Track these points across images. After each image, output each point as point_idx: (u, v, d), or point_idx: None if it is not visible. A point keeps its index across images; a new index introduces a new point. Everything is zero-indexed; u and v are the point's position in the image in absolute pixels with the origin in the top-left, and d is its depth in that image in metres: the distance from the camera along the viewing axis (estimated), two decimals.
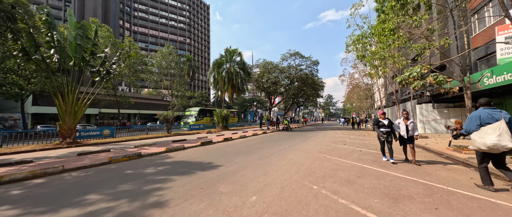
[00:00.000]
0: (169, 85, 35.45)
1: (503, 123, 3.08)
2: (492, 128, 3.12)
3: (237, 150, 7.70)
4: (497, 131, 3.06)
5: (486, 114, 3.26)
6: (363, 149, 7.83)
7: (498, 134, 3.04)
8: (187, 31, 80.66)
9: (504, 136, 3.01)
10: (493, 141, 3.05)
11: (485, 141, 3.14)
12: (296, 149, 7.88)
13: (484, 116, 3.26)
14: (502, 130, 3.04)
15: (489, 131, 3.13)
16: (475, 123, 3.31)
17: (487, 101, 3.45)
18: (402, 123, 5.25)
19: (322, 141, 10.53)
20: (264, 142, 10.23)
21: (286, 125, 20.80)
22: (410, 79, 11.60)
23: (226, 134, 14.59)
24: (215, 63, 20.40)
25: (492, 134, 3.09)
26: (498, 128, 3.06)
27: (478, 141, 3.24)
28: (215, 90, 21.34)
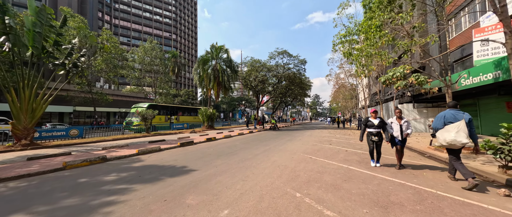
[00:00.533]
0: (152, 83, 33.62)
1: (463, 123, 3.49)
2: (452, 127, 3.53)
3: (219, 152, 7.16)
4: (456, 129, 3.48)
5: (451, 114, 3.70)
6: (348, 149, 7.66)
7: (456, 131, 3.46)
8: (173, 27, 77.70)
9: (461, 133, 3.43)
10: (451, 138, 3.48)
11: (445, 137, 3.55)
12: (281, 150, 7.51)
13: (448, 116, 3.69)
14: (460, 129, 3.46)
15: (450, 129, 3.55)
16: (440, 122, 3.74)
17: (454, 103, 3.87)
18: (396, 123, 4.63)
19: (309, 141, 10.31)
20: (249, 142, 9.77)
21: (273, 125, 20.54)
22: (394, 79, 11.78)
23: (211, 134, 13.92)
24: (200, 60, 19.52)
25: (452, 131, 3.50)
26: (458, 127, 3.48)
27: (440, 138, 3.65)
28: (200, 88, 20.45)
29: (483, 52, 9.59)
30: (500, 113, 11.07)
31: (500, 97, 10.81)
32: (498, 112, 11.30)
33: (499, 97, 10.95)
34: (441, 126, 3.71)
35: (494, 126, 11.70)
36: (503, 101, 10.65)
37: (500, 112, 11.08)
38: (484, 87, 10.14)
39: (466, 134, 3.44)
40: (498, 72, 8.16)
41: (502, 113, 10.88)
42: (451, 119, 3.62)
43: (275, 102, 34.96)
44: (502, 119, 11.09)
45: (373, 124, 4.76)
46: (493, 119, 11.74)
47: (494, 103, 11.57)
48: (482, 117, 12.70)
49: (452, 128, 3.52)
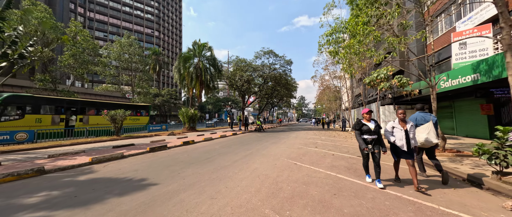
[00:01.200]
0: (129, 81, 31.23)
1: (431, 124, 3.84)
2: (423, 128, 3.86)
3: (193, 158, 6.27)
4: (427, 130, 3.81)
5: (421, 116, 4.04)
6: (335, 153, 7.22)
7: (427, 133, 3.78)
8: (155, 23, 74.12)
9: (431, 134, 3.77)
10: (424, 138, 3.78)
11: (418, 138, 3.80)
12: (264, 155, 6.83)
13: (419, 118, 4.03)
14: (430, 130, 3.80)
15: (421, 130, 3.85)
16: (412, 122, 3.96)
17: (422, 106, 4.34)
18: (398, 127, 3.53)
19: (294, 144, 9.78)
20: (230, 146, 8.96)
21: (258, 126, 19.90)
22: (378, 80, 11.79)
23: (190, 136, 12.85)
24: (181, 57, 18.26)
25: (423, 132, 3.80)
26: (428, 128, 3.82)
27: None
28: (181, 87, 19.16)
29: (461, 56, 9.85)
30: (474, 115, 11.52)
31: (475, 100, 11.25)
32: (472, 114, 11.78)
33: (474, 99, 11.40)
34: None
35: (469, 127, 12.19)
36: (478, 104, 11.10)
37: (474, 114, 11.54)
38: (461, 90, 10.43)
39: (435, 134, 3.80)
40: (476, 74, 8.31)
41: (476, 115, 11.32)
42: (421, 121, 3.97)
43: (262, 103, 34.46)
44: (476, 121, 11.57)
45: (369, 129, 3.58)
46: (468, 120, 12.25)
47: (469, 105, 12.07)
48: (457, 119, 13.23)
49: (423, 129, 3.85)
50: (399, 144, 3.44)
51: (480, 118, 11.14)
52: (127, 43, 29.53)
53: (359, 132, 3.73)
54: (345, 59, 6.61)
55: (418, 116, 4.10)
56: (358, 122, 3.77)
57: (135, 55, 30.68)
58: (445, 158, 6.01)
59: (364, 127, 3.64)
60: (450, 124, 13.99)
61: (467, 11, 11.98)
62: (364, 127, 3.65)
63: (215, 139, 12.10)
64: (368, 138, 3.61)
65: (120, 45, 29.10)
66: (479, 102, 11.01)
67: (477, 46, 9.29)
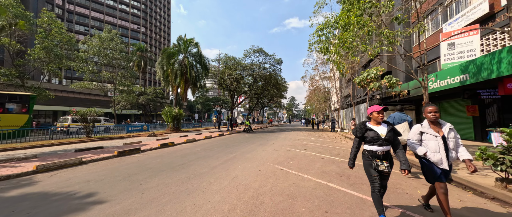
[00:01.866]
0: (111, 78, 29.25)
1: (406, 123, 4.33)
2: (400, 126, 4.31)
3: (165, 164, 5.46)
4: (403, 129, 4.26)
5: (399, 116, 4.51)
6: (325, 156, 6.70)
7: (403, 131, 4.21)
8: (142, 19, 71.14)
9: (406, 132, 4.17)
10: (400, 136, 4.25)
11: None
12: (248, 159, 6.16)
13: (397, 117, 4.50)
14: (405, 128, 4.26)
15: (398, 128, 4.19)
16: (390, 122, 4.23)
17: (400, 107, 4.78)
18: (431, 133, 2.43)
19: (282, 145, 9.21)
20: (212, 149, 8.20)
21: (247, 126, 19.21)
22: (368, 79, 11.56)
23: (172, 138, 11.90)
24: (165, 52, 17.13)
25: (400, 131, 4.09)
26: (404, 127, 4.28)
27: None
28: (165, 85, 18.01)
29: (449, 56, 9.80)
30: (460, 116, 11.62)
31: (461, 101, 11.35)
32: (458, 115, 11.89)
33: (460, 100, 11.49)
34: None
35: (454, 128, 12.31)
36: (464, 105, 11.19)
37: (460, 115, 11.63)
38: (449, 91, 10.43)
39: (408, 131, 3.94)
40: (465, 75, 8.21)
41: (462, 116, 11.41)
42: (399, 120, 4.44)
43: (251, 103, 33.81)
44: (462, 122, 11.68)
45: (378, 136, 2.33)
46: (453, 121, 12.35)
47: (455, 107, 12.18)
48: (444, 120, 13.36)
49: (400, 128, 4.29)
50: (434, 159, 2.32)
51: (465, 119, 11.23)
52: (107, 37, 27.61)
53: (360, 140, 2.48)
54: (337, 54, 6.10)
55: (396, 115, 4.57)
56: (361, 126, 2.47)
57: (117, 51, 28.79)
58: None
59: (370, 133, 2.35)
60: None
61: (453, 13, 12.10)
62: (370, 133, 2.36)
63: (199, 140, 11.25)
64: (378, 151, 2.30)
65: (100, 40, 27.13)
66: (465, 103, 11.10)
67: (465, 47, 9.27)
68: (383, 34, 5.34)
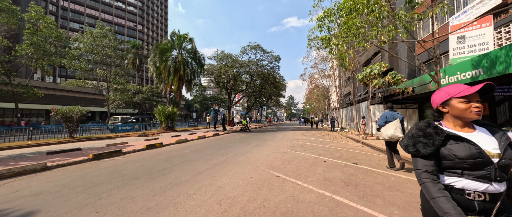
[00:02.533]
0: (103, 76, 28.36)
1: (398, 121, 4.48)
2: (392, 124, 4.46)
3: (144, 170, 4.73)
4: (394, 127, 4.42)
5: (390, 114, 4.68)
6: (327, 158, 6.02)
7: (394, 128, 4.40)
8: (138, 17, 70.04)
9: (398, 130, 4.38)
10: (391, 133, 4.38)
11: (387, 133, 4.43)
12: (240, 162, 5.45)
13: (389, 116, 4.66)
14: (397, 126, 4.43)
15: (390, 126, 4.45)
16: (383, 120, 4.68)
17: (390, 105, 4.97)
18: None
19: (280, 146, 8.51)
20: (203, 150, 7.49)
21: (244, 126, 18.52)
22: (371, 76, 10.90)
23: (163, 138, 11.17)
24: (157, 48, 16.33)
25: (392, 128, 4.40)
26: (395, 125, 4.44)
27: (384, 133, 4.52)
28: (157, 82, 17.22)
29: (459, 50, 9.15)
30: None
31: None
32: None
33: None
34: (383, 124, 4.64)
35: None
36: None
37: None
38: None
39: (401, 130, 4.34)
40: (478, 70, 7.55)
41: None
42: (390, 118, 4.55)
43: (250, 101, 33.11)
44: None
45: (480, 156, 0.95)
46: None
47: None
48: None
49: (392, 125, 4.40)
50: None
51: None
52: (100, 34, 26.68)
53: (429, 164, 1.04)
54: (342, 42, 5.40)
55: (388, 114, 4.69)
56: (430, 130, 1.08)
57: (111, 48, 27.87)
58: None
59: (458, 149, 0.99)
60: None
61: (460, 6, 11.45)
62: (456, 149, 1.00)
63: (191, 141, 10.52)
64: (481, 192, 0.96)
65: (92, 36, 26.21)
66: None
67: (476, 40, 8.62)
68: (398, 17, 4.63)
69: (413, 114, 16.54)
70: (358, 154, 6.92)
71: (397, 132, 4.32)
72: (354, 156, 6.42)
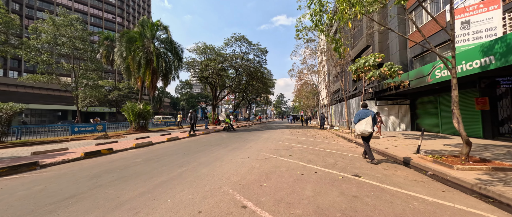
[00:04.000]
0: (71, 70, 25.22)
1: (370, 118, 5.01)
2: (364, 121, 5.03)
3: (34, 200, 3.01)
4: (365, 123, 4.99)
5: (363, 112, 5.17)
6: (318, 167, 4.62)
7: (365, 124, 4.98)
8: (117, 8, 65.21)
9: (368, 125, 4.96)
10: (362, 129, 5.01)
11: (359, 128, 5.08)
12: (199, 178, 3.88)
13: (362, 113, 5.16)
14: (368, 122, 4.98)
15: (362, 122, 5.04)
16: (357, 118, 5.24)
17: (364, 104, 5.43)
18: None
19: (261, 150, 7.03)
20: (162, 158, 5.80)
21: (227, 125, 16.87)
22: (365, 67, 9.72)
23: (122, 142, 9.28)
24: (124, 36, 14.10)
25: (363, 124, 5.01)
26: (367, 121, 4.99)
27: (357, 129, 5.17)
28: (125, 76, 15.04)
29: (463, 37, 8.17)
30: (465, 110, 10.18)
31: (468, 93, 9.91)
32: (462, 109, 10.46)
33: (465, 92, 10.07)
34: (357, 121, 5.23)
35: None
36: (471, 97, 9.73)
37: (465, 109, 10.19)
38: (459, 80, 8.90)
39: (371, 125, 4.98)
40: (488, 58, 6.53)
41: (468, 110, 9.97)
42: (363, 116, 5.10)
43: (237, 98, 31.42)
44: (467, 117, 10.25)
45: None
46: None
47: (459, 100, 10.75)
48: (443, 115, 11.99)
49: (364, 122, 5.02)
50: None
51: (472, 114, 9.80)
52: (64, 22, 23.48)
53: None
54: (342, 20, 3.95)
55: (361, 112, 5.19)
56: None
57: (77, 39, 24.74)
58: (480, 175, 3.81)
59: None
60: (434, 121, 12.77)
61: None
62: None
63: (157, 144, 8.74)
64: None
65: (54, 25, 22.98)
66: (473, 95, 9.64)
67: (482, 25, 7.65)
68: None
69: (405, 110, 15.84)
70: (355, 159, 5.61)
71: (367, 127, 4.94)
72: (352, 163, 5.09)
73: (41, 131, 11.01)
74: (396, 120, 15.52)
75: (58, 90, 38.37)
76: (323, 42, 20.91)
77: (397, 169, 4.62)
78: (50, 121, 38.48)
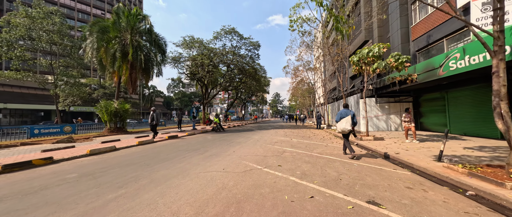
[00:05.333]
0: (49, 66, 23.30)
1: (349, 117, 5.43)
2: (344, 120, 5.47)
3: None
4: (345, 121, 5.43)
5: (344, 112, 5.65)
6: (316, 187, 3.27)
7: (345, 122, 5.41)
8: (107, 4, 62.59)
9: (347, 124, 5.37)
10: (342, 127, 5.45)
11: (340, 126, 5.49)
12: (131, 210, 2.47)
13: (343, 113, 5.65)
14: (347, 121, 5.40)
15: (343, 121, 5.48)
16: (339, 116, 5.64)
17: (345, 104, 5.95)
18: None
19: (245, 156, 5.65)
20: (107, 171, 4.36)
21: (216, 125, 15.44)
22: (369, 58, 8.45)
23: (82, 146, 7.75)
24: (96, 25, 12.44)
25: (344, 122, 5.45)
26: (346, 120, 5.43)
27: (338, 127, 5.54)
28: (99, 70, 13.43)
29: (485, 21, 6.97)
30: (479, 107, 9.02)
31: (482, 88, 8.77)
32: (475, 106, 9.29)
33: (478, 88, 8.93)
34: (338, 119, 5.60)
35: (468, 123, 9.78)
36: (488, 92, 8.61)
37: (479, 106, 9.03)
38: (472, 73, 7.73)
39: (350, 124, 5.35)
40: None
41: (483, 107, 8.80)
42: (343, 115, 5.58)
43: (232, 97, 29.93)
44: (481, 115, 9.12)
45: None
46: (467, 115, 9.84)
47: (471, 96, 9.59)
48: (452, 113, 10.84)
49: (344, 120, 5.46)
50: None
51: (487, 111, 8.64)
52: (39, 14, 21.53)
53: None
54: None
55: (342, 111, 5.69)
56: None
57: (56, 33, 22.81)
58: None
59: None
60: (440, 120, 11.63)
61: None
62: None
63: (122, 149, 7.26)
64: None
65: (28, 18, 21.02)
66: (488, 90, 8.48)
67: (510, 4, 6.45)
68: None
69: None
70: (364, 169, 4.30)
71: (347, 126, 5.37)
72: (360, 176, 3.76)
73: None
74: (398, 119, 14.37)
75: (41, 89, 36.18)
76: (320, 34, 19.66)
77: (425, 187, 3.31)
78: (32, 121, 36.25)
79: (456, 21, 10.27)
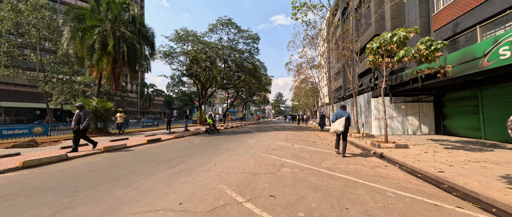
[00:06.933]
0: (39, 63, 22.15)
1: (344, 118, 5.63)
2: (339, 120, 5.69)
3: None
4: (339, 122, 5.66)
5: (340, 113, 5.81)
6: None
7: (338, 124, 5.65)
8: None
9: (340, 125, 5.60)
10: (335, 127, 5.70)
11: (334, 127, 5.75)
12: None
13: (339, 114, 5.81)
14: (341, 122, 5.62)
15: (337, 122, 5.72)
16: (335, 117, 5.87)
17: (342, 105, 6.05)
18: None
19: (226, 175, 4.02)
20: (31, 200, 2.78)
21: (209, 126, 13.89)
22: (393, 45, 6.71)
23: (41, 151, 6.24)
24: (70, 13, 10.98)
25: (337, 123, 5.69)
26: (340, 121, 5.64)
27: (332, 127, 5.81)
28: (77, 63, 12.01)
29: None
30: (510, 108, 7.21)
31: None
32: (506, 107, 7.51)
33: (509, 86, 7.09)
34: (334, 120, 5.83)
35: None
36: None
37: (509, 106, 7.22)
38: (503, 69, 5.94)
39: (342, 125, 5.58)
40: None
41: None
42: (340, 116, 5.74)
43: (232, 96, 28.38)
44: None
45: None
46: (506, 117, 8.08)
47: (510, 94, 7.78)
48: (487, 116, 8.97)
49: (338, 121, 5.67)
50: None
51: None
52: (27, 7, 20.33)
53: None
54: None
55: (339, 112, 5.84)
56: None
57: (45, 28, 21.62)
58: None
59: None
60: (472, 123, 9.77)
61: None
62: None
63: (76, 158, 5.70)
64: None
65: (13, 11, 19.83)
66: None
67: None
68: None
69: (427, 109, 12.80)
70: (408, 206, 2.60)
71: (339, 127, 5.60)
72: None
73: None
74: (416, 121, 12.53)
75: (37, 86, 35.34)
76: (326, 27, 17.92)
77: None
78: (28, 120, 35.46)
79: (496, 1, 8.43)
